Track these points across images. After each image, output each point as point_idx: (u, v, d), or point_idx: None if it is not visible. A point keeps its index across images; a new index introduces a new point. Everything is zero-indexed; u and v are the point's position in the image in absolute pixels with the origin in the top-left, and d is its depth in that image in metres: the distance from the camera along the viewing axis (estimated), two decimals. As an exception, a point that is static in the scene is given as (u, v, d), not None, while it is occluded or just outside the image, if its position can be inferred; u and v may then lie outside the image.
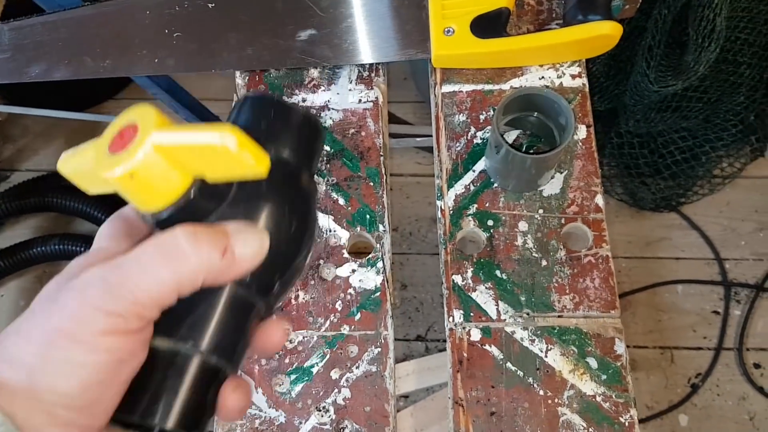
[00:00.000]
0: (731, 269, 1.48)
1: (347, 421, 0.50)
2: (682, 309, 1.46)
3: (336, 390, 0.51)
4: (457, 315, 0.52)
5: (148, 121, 0.30)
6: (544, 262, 0.53)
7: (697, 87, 1.20)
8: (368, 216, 0.56)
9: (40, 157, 1.66)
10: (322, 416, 0.50)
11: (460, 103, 0.58)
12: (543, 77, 0.58)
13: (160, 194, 0.31)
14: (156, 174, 0.30)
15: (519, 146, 0.57)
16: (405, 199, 1.57)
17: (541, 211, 0.54)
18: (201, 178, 0.31)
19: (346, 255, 0.54)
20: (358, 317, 0.53)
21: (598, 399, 0.49)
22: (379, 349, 0.52)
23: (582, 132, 0.56)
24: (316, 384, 0.51)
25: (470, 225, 0.54)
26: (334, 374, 0.51)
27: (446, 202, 0.55)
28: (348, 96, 0.59)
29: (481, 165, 0.56)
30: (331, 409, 0.50)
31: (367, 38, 0.59)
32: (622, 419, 0.49)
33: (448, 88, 0.58)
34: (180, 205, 0.31)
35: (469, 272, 0.53)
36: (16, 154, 1.67)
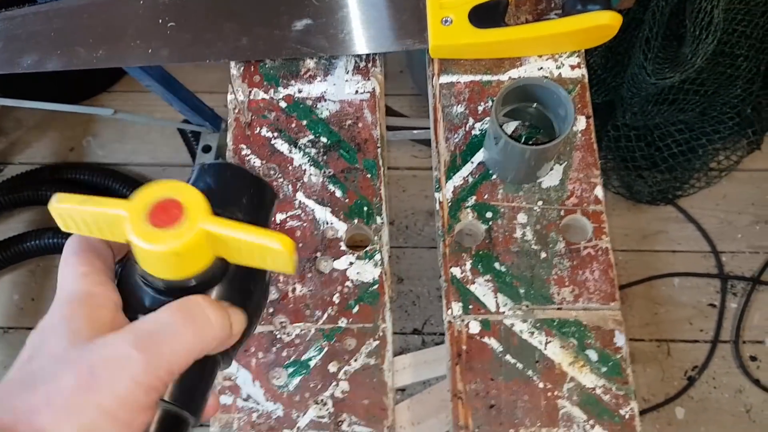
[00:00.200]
0: (728, 262, 1.48)
1: (345, 414, 0.49)
2: (678, 302, 1.46)
3: (334, 383, 0.50)
4: (456, 308, 0.52)
5: (196, 206, 0.33)
6: (543, 254, 0.53)
7: (694, 79, 1.20)
8: (366, 208, 0.55)
9: (34, 150, 1.64)
10: (320, 409, 0.49)
11: (458, 94, 0.57)
12: (542, 68, 0.57)
13: (183, 267, 0.33)
14: (192, 253, 0.32)
15: (518, 137, 0.56)
16: (401, 192, 1.56)
17: (540, 203, 0.54)
18: (221, 257, 0.33)
19: (343, 247, 0.54)
20: (356, 310, 0.52)
21: (598, 391, 0.49)
22: (378, 342, 0.51)
23: (581, 123, 0.56)
24: (314, 377, 0.50)
25: (469, 217, 0.54)
26: (332, 367, 0.50)
27: (444, 194, 0.55)
28: (344, 87, 0.59)
29: (479, 156, 0.56)
30: (329, 403, 0.50)
31: (363, 28, 0.58)
32: (622, 412, 0.48)
33: (445, 79, 0.58)
34: (198, 277, 0.33)
35: (468, 265, 0.53)
36: (9, 147, 1.66)
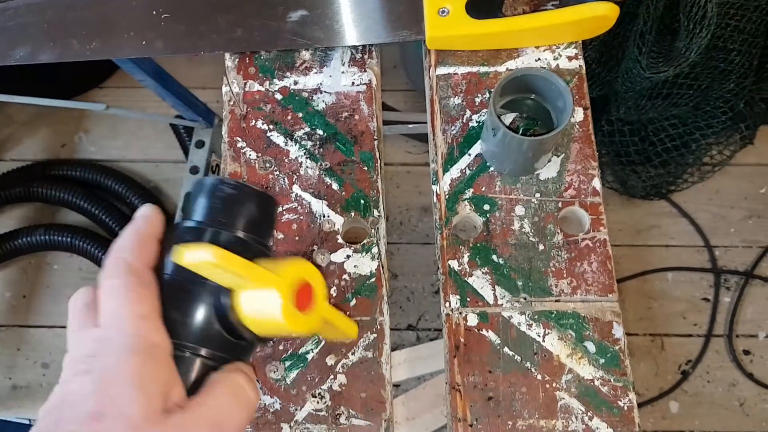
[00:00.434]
0: (721, 256, 1.48)
1: (343, 407, 0.49)
2: (672, 296, 1.47)
3: (331, 376, 0.50)
4: (454, 300, 0.51)
5: (321, 292, 0.41)
6: (541, 247, 0.52)
7: (688, 74, 1.20)
8: (362, 201, 0.55)
9: (25, 147, 1.63)
10: (318, 402, 0.49)
11: (455, 86, 0.57)
12: (539, 59, 0.57)
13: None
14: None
15: (516, 129, 0.56)
16: (395, 188, 1.56)
17: (537, 195, 0.54)
18: None
19: (340, 240, 0.54)
20: (353, 303, 0.52)
21: (597, 383, 0.49)
22: (375, 335, 0.51)
23: (579, 114, 0.55)
24: (312, 370, 0.50)
25: (466, 210, 0.54)
26: (330, 360, 0.50)
27: (442, 187, 0.55)
28: (341, 78, 0.58)
29: (477, 149, 0.55)
30: (327, 396, 0.49)
31: (359, 19, 0.58)
32: (620, 403, 0.48)
33: (442, 71, 0.57)
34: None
35: (466, 257, 0.53)
36: (0, 144, 1.64)
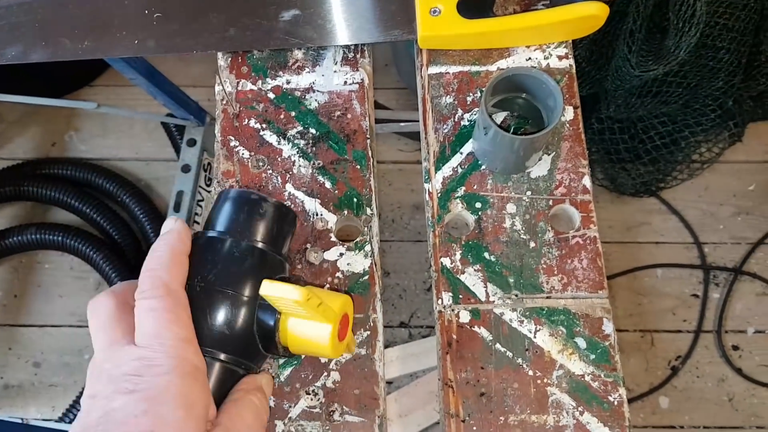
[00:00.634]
0: (710, 253, 1.50)
1: (337, 404, 0.49)
2: (661, 293, 1.48)
3: (325, 373, 0.50)
4: (446, 297, 0.52)
5: (352, 317, 0.47)
6: (532, 244, 0.53)
7: (677, 72, 1.21)
8: (355, 199, 0.55)
9: (15, 146, 1.63)
10: (312, 399, 0.49)
11: (446, 85, 0.57)
12: (530, 58, 0.57)
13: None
14: None
15: (507, 128, 0.56)
16: (387, 186, 1.57)
17: (529, 193, 0.54)
18: None
19: (333, 238, 0.54)
20: (346, 301, 0.52)
21: (587, 378, 0.49)
22: (368, 332, 0.51)
23: (569, 113, 0.56)
24: (305, 368, 0.50)
25: (458, 207, 0.54)
26: (323, 357, 0.51)
27: (434, 185, 0.55)
28: (333, 78, 0.59)
29: (468, 147, 0.56)
30: (320, 393, 0.50)
31: (351, 19, 0.58)
32: (611, 398, 0.49)
33: (434, 70, 0.58)
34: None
35: (458, 255, 0.53)
36: (-10, 142, 1.64)
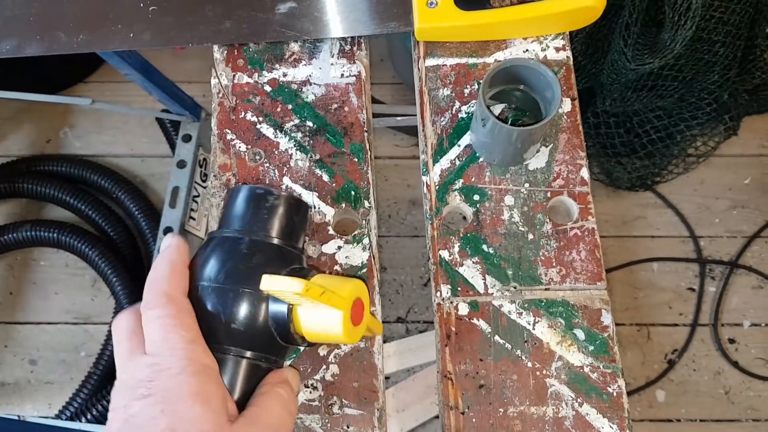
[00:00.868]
0: (706, 246, 1.50)
1: (336, 397, 0.49)
2: (658, 286, 1.48)
3: (324, 367, 0.50)
4: (445, 290, 0.52)
5: (367, 303, 0.47)
6: (530, 236, 0.53)
7: (673, 66, 1.21)
8: (353, 192, 0.55)
9: (9, 143, 1.62)
10: (311, 393, 0.49)
11: (444, 77, 0.57)
12: (527, 50, 0.57)
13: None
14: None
15: (504, 119, 0.56)
16: (383, 181, 1.56)
17: (527, 185, 0.54)
18: None
19: (331, 232, 0.54)
20: (344, 294, 0.52)
21: (586, 370, 0.49)
22: (367, 325, 0.51)
23: (567, 105, 0.56)
24: (304, 361, 0.50)
25: (456, 200, 0.54)
26: (322, 351, 0.50)
27: (432, 178, 0.55)
28: (330, 70, 0.58)
29: (466, 139, 0.56)
30: (320, 386, 0.50)
31: (348, 11, 0.58)
32: (609, 389, 0.49)
33: (431, 62, 0.58)
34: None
35: (456, 247, 0.53)
36: (-16, 139, 1.63)
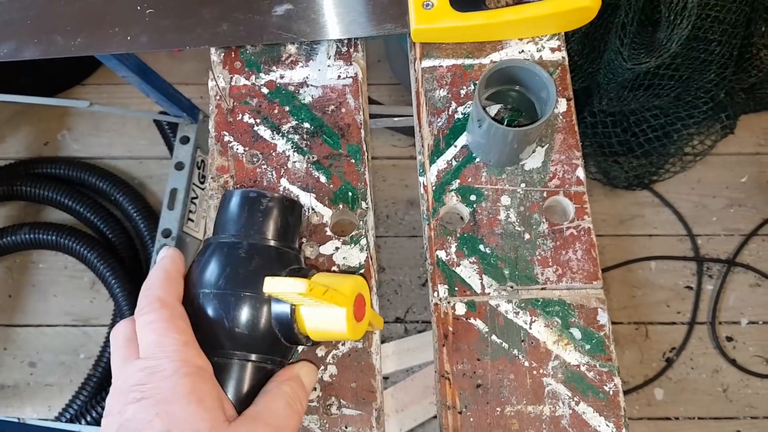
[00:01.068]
0: (703, 245, 1.50)
1: (334, 397, 0.50)
2: (655, 285, 1.49)
3: (322, 367, 0.50)
4: (442, 290, 0.52)
5: (368, 298, 0.48)
6: (526, 236, 0.53)
7: (669, 65, 1.21)
8: (350, 193, 0.55)
9: (7, 146, 1.62)
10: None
11: (440, 78, 0.58)
12: (523, 51, 0.58)
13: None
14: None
15: (500, 120, 0.56)
16: (381, 182, 1.57)
17: (523, 185, 0.54)
18: None
19: (329, 233, 0.54)
20: (342, 294, 0.52)
21: (583, 368, 0.50)
22: (365, 326, 0.51)
23: (562, 105, 0.56)
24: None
25: (453, 200, 0.54)
26: (320, 351, 0.51)
27: (428, 178, 0.55)
28: (327, 72, 0.59)
29: (462, 140, 0.56)
30: (318, 387, 0.50)
31: (344, 13, 0.58)
32: (606, 388, 0.49)
33: (428, 63, 0.58)
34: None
35: (453, 247, 0.53)
36: (-18, 142, 1.63)
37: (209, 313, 0.43)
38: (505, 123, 0.56)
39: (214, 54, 0.60)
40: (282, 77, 0.59)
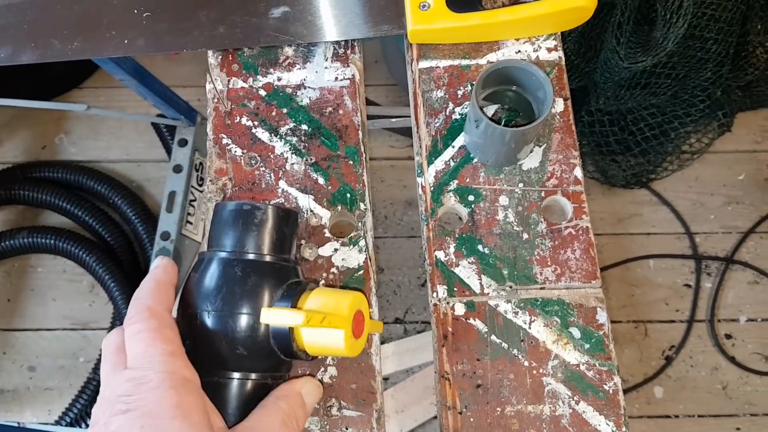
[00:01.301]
0: (701, 243, 1.51)
1: (334, 399, 0.50)
2: (654, 283, 1.49)
3: (322, 369, 0.50)
4: (441, 290, 0.52)
5: (367, 313, 0.48)
6: (525, 236, 0.53)
7: (666, 63, 1.21)
8: (349, 195, 0.55)
9: (5, 150, 1.62)
10: (309, 395, 0.50)
11: (437, 79, 0.58)
12: (519, 51, 0.58)
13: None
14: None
15: (498, 120, 0.57)
16: (379, 182, 1.57)
17: (521, 185, 0.55)
18: None
19: (327, 234, 0.54)
20: (341, 296, 0.52)
21: (582, 368, 0.50)
22: (364, 327, 0.51)
23: (560, 105, 0.56)
24: (302, 363, 0.50)
25: (451, 201, 0.54)
26: (320, 353, 0.51)
27: (426, 179, 0.55)
28: (324, 74, 0.59)
29: (460, 141, 0.56)
30: (318, 388, 0.50)
31: (341, 14, 0.58)
32: (606, 387, 0.49)
33: (425, 64, 0.58)
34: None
35: (452, 248, 0.53)
36: (-21, 146, 1.63)
37: (208, 333, 0.43)
38: (503, 123, 0.57)
39: (212, 57, 0.60)
40: (279, 79, 0.59)
